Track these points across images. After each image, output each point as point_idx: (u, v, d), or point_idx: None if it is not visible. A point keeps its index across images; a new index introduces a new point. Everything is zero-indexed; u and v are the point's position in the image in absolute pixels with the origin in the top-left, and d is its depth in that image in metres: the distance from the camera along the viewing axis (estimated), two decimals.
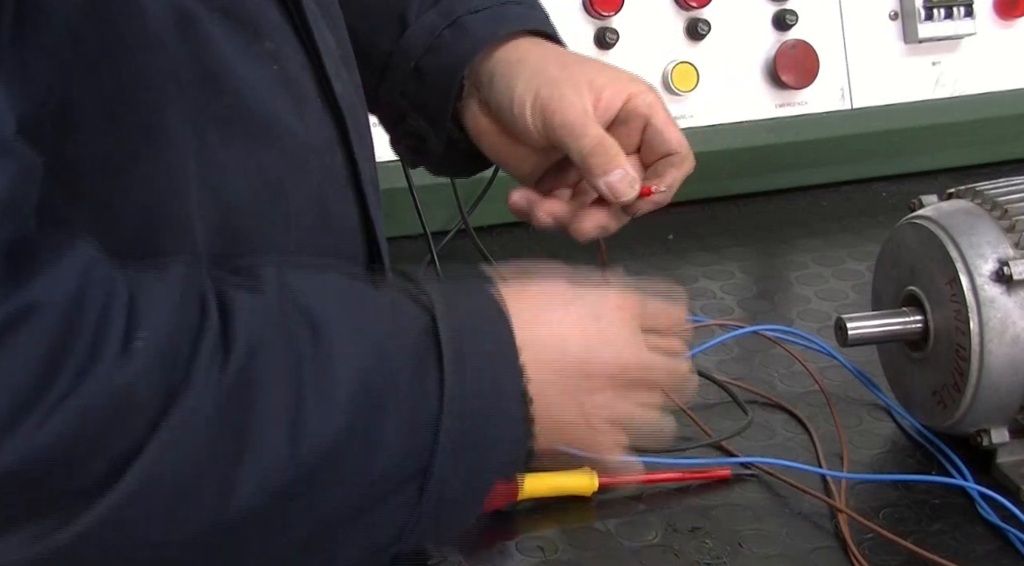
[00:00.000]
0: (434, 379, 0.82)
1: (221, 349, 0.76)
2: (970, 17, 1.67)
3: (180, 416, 0.74)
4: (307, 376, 0.78)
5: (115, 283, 0.75)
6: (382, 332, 0.82)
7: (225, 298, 0.79)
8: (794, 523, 1.10)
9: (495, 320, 0.86)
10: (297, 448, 0.77)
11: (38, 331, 0.71)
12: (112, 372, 0.72)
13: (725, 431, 1.19)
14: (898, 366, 1.21)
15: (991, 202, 1.15)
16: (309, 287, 0.82)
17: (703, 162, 1.61)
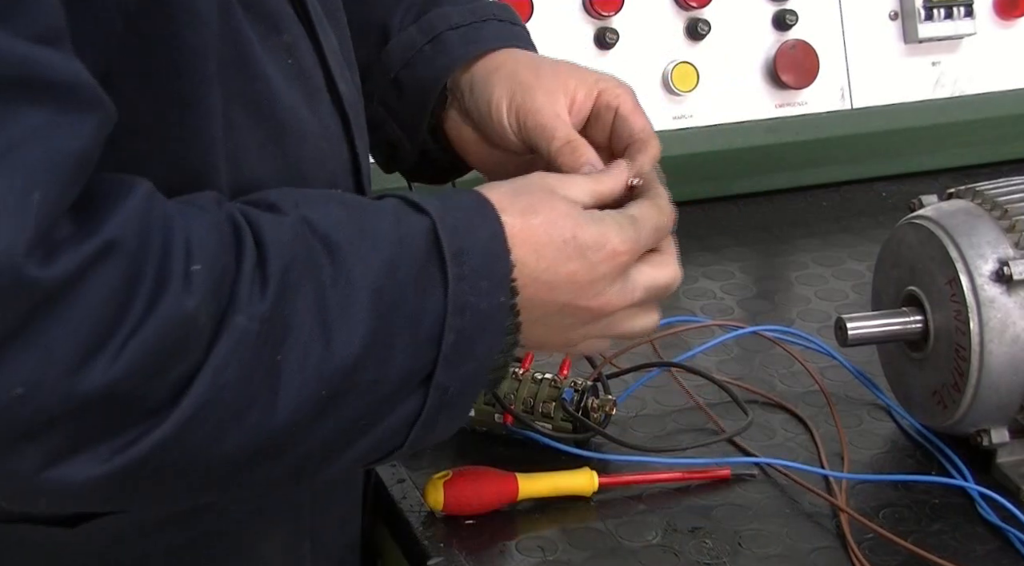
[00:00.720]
0: (439, 290, 0.88)
1: (259, 270, 0.83)
2: (970, 17, 1.67)
3: (231, 335, 0.81)
4: (330, 295, 0.85)
5: (172, 219, 0.81)
6: (390, 246, 0.88)
7: (253, 221, 0.85)
8: (794, 523, 1.10)
9: (489, 224, 0.91)
10: (328, 361, 0.84)
11: (113, 267, 0.77)
12: (178, 301, 0.79)
13: (727, 430, 1.19)
14: (898, 366, 1.21)
15: (991, 202, 1.15)
16: (321, 210, 0.88)
17: (703, 162, 1.62)
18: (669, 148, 1.58)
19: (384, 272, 0.87)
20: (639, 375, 1.26)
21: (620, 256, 0.95)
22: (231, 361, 0.81)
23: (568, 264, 0.93)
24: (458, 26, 1.11)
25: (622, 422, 1.23)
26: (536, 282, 0.93)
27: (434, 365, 0.89)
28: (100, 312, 0.76)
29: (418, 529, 1.09)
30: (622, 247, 0.95)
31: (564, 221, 0.94)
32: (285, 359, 0.83)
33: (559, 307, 0.95)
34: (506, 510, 1.11)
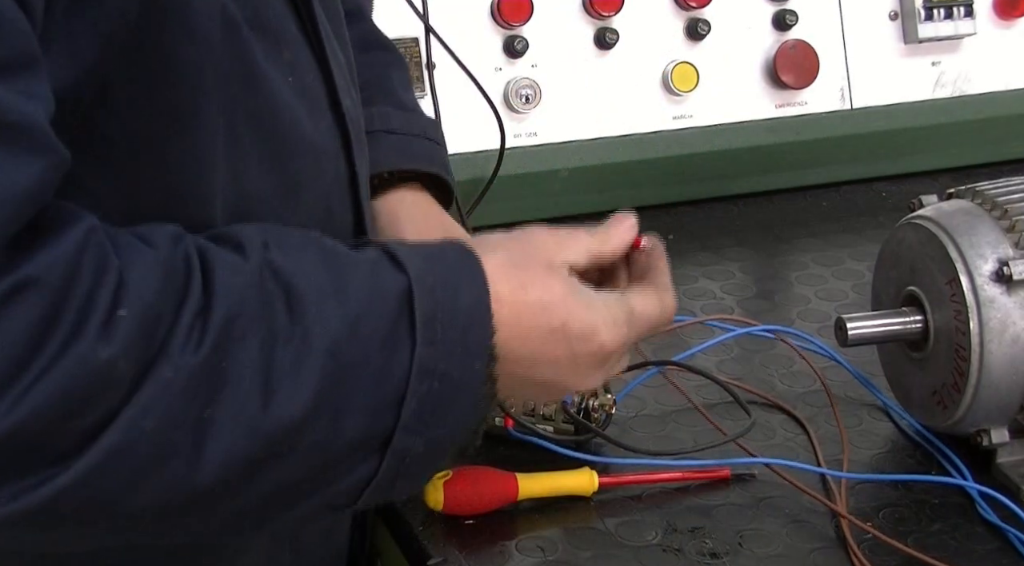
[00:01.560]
0: (405, 353, 0.84)
1: (200, 318, 0.80)
2: (970, 17, 1.67)
3: (154, 386, 0.78)
4: (280, 350, 0.81)
5: (106, 260, 0.78)
6: (358, 302, 0.84)
7: (208, 263, 0.82)
8: (794, 523, 1.10)
9: (474, 286, 0.88)
10: (265, 421, 0.81)
11: (30, 306, 0.74)
12: (92, 348, 0.75)
13: (728, 431, 1.19)
14: (898, 366, 1.21)
15: (991, 202, 1.15)
16: (290, 254, 0.85)
17: (703, 162, 1.62)
18: (669, 148, 1.60)
19: (346, 330, 0.83)
20: (638, 374, 1.26)
21: (606, 351, 0.93)
22: (149, 413, 0.78)
23: (553, 350, 0.91)
24: (393, 131, 1.17)
25: (622, 422, 1.23)
26: (517, 361, 0.89)
27: (392, 430, 0.85)
28: (8, 349, 0.74)
29: (418, 529, 1.09)
30: (610, 345, 0.93)
31: (556, 306, 0.91)
32: (214, 415, 0.79)
33: (537, 382, 0.93)
34: (506, 510, 1.11)
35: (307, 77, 0.96)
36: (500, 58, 1.54)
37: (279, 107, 0.92)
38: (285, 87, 0.93)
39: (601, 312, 0.93)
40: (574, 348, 0.92)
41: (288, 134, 0.94)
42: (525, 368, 0.91)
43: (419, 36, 1.50)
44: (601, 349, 0.93)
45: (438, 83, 1.50)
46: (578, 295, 0.92)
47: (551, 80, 1.55)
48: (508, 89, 1.54)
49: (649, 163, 1.57)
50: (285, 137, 0.93)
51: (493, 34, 1.54)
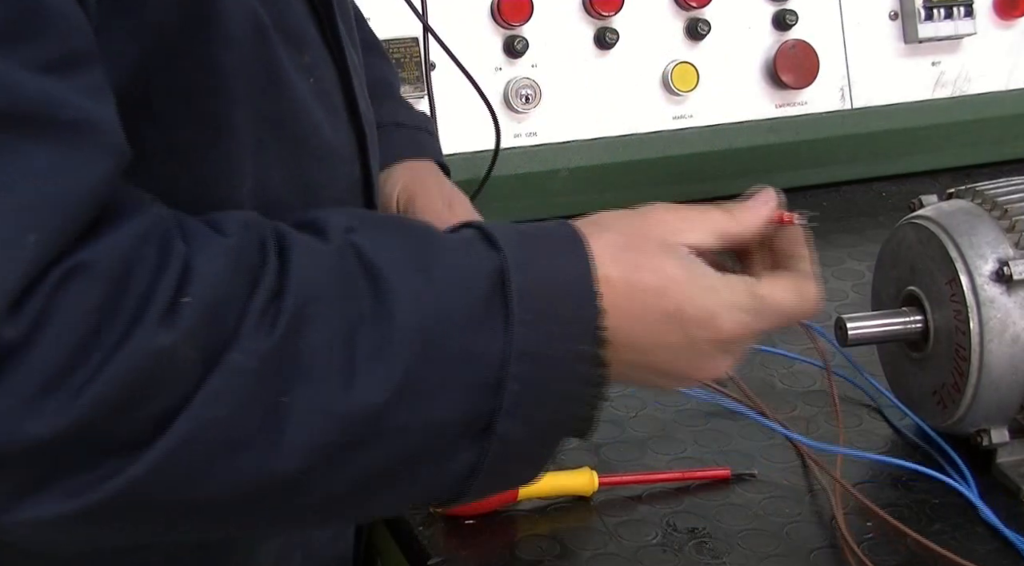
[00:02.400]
0: (499, 337, 0.80)
1: (274, 302, 0.77)
2: (970, 17, 1.67)
3: (225, 372, 0.75)
4: (362, 331, 0.78)
5: (171, 245, 0.76)
6: (447, 283, 0.81)
7: (286, 244, 0.80)
8: (794, 523, 1.10)
9: (575, 262, 0.83)
10: (347, 404, 0.77)
11: (83, 293, 0.72)
12: (153, 335, 0.73)
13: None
14: (898, 366, 1.21)
15: (991, 202, 1.15)
16: (375, 236, 0.82)
17: (703, 162, 1.62)
18: (669, 148, 1.60)
19: (432, 311, 0.80)
20: None
21: (726, 338, 0.87)
22: (220, 399, 0.75)
23: (668, 336, 0.85)
24: (403, 125, 1.18)
25: (622, 422, 1.23)
26: (630, 347, 0.84)
27: (493, 415, 0.81)
28: (61, 347, 0.72)
29: (418, 529, 1.09)
30: (730, 331, 0.86)
31: (671, 290, 0.85)
32: (292, 399, 0.77)
33: (654, 370, 0.87)
34: (506, 510, 1.11)
35: (326, 80, 0.96)
36: (500, 58, 1.54)
37: (301, 111, 0.92)
38: (306, 90, 0.93)
39: (722, 296, 0.86)
40: (691, 334, 0.86)
41: (309, 138, 0.93)
42: (639, 354, 0.85)
43: (418, 36, 1.50)
44: (719, 335, 0.86)
45: (438, 83, 1.50)
46: (696, 278, 0.86)
47: (551, 80, 1.55)
48: (508, 89, 1.54)
49: (649, 163, 1.57)
50: (306, 141, 0.93)
51: (493, 34, 1.54)
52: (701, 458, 1.18)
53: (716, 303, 0.86)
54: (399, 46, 1.50)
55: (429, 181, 1.17)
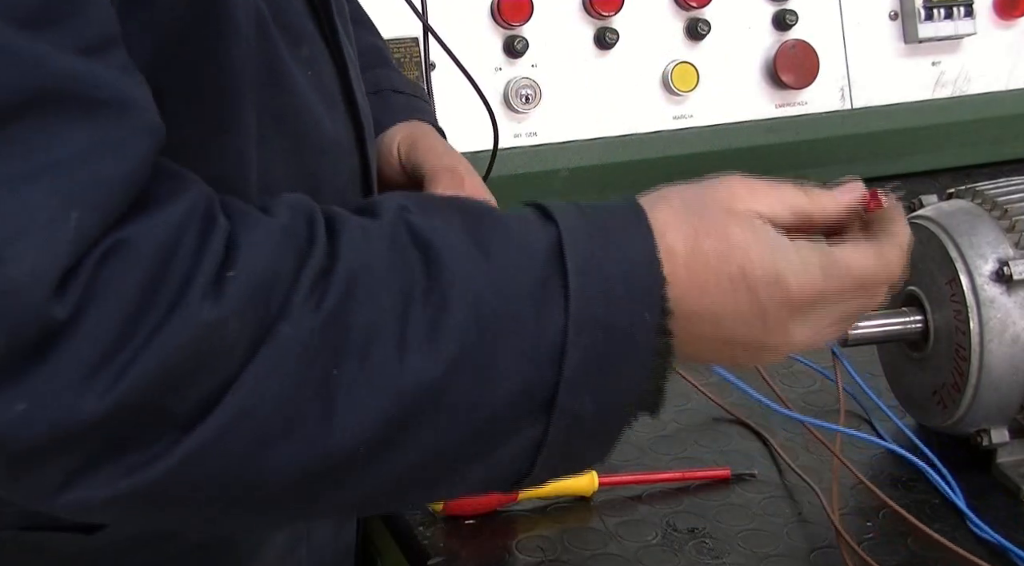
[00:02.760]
0: (558, 307, 0.79)
1: (323, 277, 0.76)
2: (970, 17, 1.67)
3: (275, 347, 0.74)
4: (415, 306, 0.77)
5: (215, 222, 0.76)
6: (503, 256, 0.80)
7: (336, 223, 0.79)
8: (794, 523, 1.10)
9: (637, 233, 0.82)
10: (402, 379, 0.76)
11: (125, 270, 0.72)
12: (198, 310, 0.73)
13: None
14: (898, 366, 1.21)
15: (991, 202, 1.15)
16: (429, 214, 0.81)
17: (703, 162, 1.62)
18: (669, 148, 1.60)
19: (488, 285, 0.78)
20: None
21: (797, 299, 0.83)
22: (272, 374, 0.74)
23: (736, 302, 0.83)
24: (399, 92, 1.18)
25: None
26: (699, 318, 0.82)
27: (555, 388, 0.79)
28: (107, 325, 0.72)
29: (418, 529, 1.09)
30: (800, 292, 0.83)
31: (734, 252, 0.82)
32: (344, 374, 0.75)
33: (729, 341, 0.84)
34: (506, 510, 1.11)
35: (324, 73, 0.97)
36: (500, 58, 1.54)
37: (301, 104, 0.93)
38: (306, 83, 0.94)
39: (789, 256, 0.83)
40: (759, 297, 0.82)
41: (310, 131, 0.94)
42: (710, 325, 0.83)
43: (418, 36, 1.50)
44: (789, 296, 0.83)
45: (438, 83, 1.50)
46: (761, 240, 0.83)
47: (551, 80, 1.55)
48: (508, 89, 1.54)
49: (649, 163, 1.58)
50: (307, 134, 0.94)
51: (493, 34, 1.54)
52: (701, 458, 1.18)
53: (781, 261, 0.83)
54: (399, 46, 1.50)
55: (429, 133, 1.16)
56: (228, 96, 0.86)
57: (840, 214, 0.87)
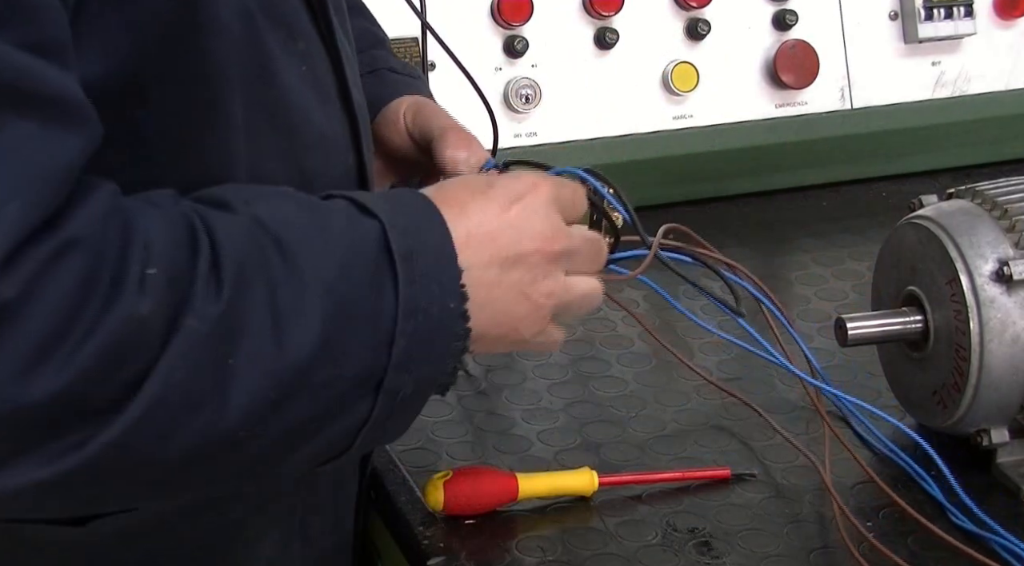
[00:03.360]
0: (390, 293, 0.87)
1: (214, 270, 0.82)
2: (970, 17, 1.67)
3: (183, 337, 0.80)
4: (281, 294, 0.83)
5: (132, 221, 0.80)
6: (342, 247, 0.87)
7: (206, 217, 0.84)
8: (794, 523, 1.10)
9: (436, 227, 0.90)
10: (280, 362, 0.83)
11: (74, 265, 0.76)
12: (133, 304, 0.78)
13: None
14: (898, 366, 1.21)
15: (991, 202, 1.15)
16: (271, 207, 0.87)
17: (703, 162, 1.62)
18: (669, 148, 1.60)
19: (337, 273, 0.85)
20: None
21: (540, 187, 0.95)
22: (180, 363, 0.79)
23: (492, 210, 0.93)
24: (396, 70, 1.19)
25: (622, 422, 1.23)
26: (474, 239, 0.91)
27: (384, 371, 0.87)
28: (53, 315, 0.75)
29: (418, 529, 1.09)
30: (541, 180, 0.96)
31: (475, 181, 0.96)
32: (237, 360, 0.82)
33: (501, 261, 0.92)
34: (506, 510, 1.11)
35: (319, 68, 0.98)
36: (500, 58, 1.54)
37: (293, 100, 0.94)
38: (298, 79, 0.95)
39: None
40: (510, 193, 0.94)
41: (301, 126, 0.95)
42: (487, 244, 0.92)
43: (418, 36, 1.50)
44: (535, 185, 0.95)
45: (438, 83, 1.50)
46: (486, 202, 0.94)
47: (551, 80, 1.55)
48: (508, 89, 1.54)
49: (649, 163, 1.57)
50: (299, 129, 0.95)
51: (493, 34, 1.54)
52: (701, 458, 1.18)
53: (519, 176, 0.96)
54: (399, 46, 1.50)
55: (432, 102, 1.17)
56: (213, 90, 0.87)
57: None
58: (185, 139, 0.87)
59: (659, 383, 1.29)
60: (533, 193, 0.95)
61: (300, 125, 0.95)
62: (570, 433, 1.21)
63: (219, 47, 0.87)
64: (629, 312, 1.32)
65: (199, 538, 0.99)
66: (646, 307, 1.36)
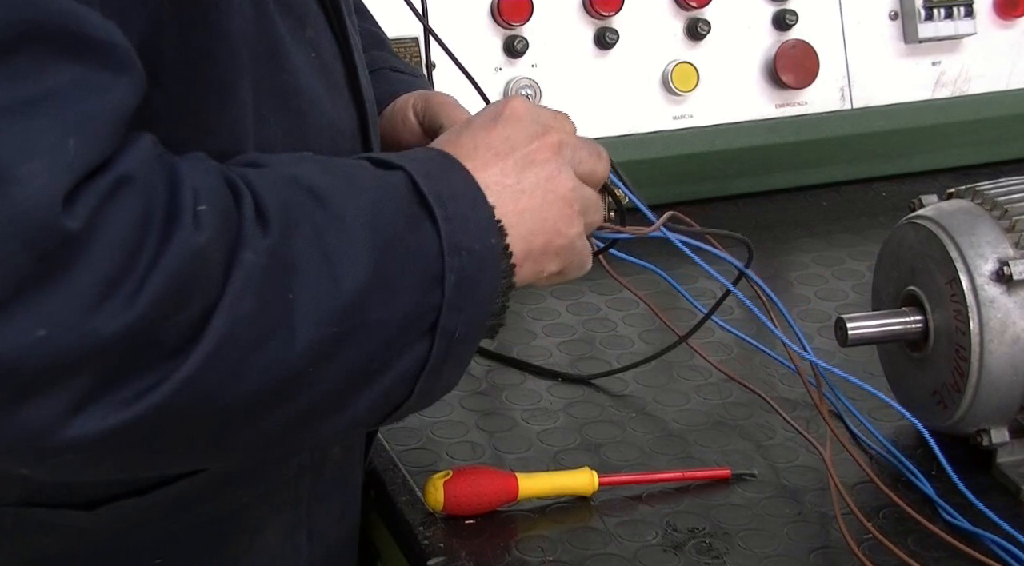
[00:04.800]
0: (430, 232, 0.88)
1: (259, 211, 0.83)
2: (970, 17, 1.67)
3: (242, 271, 0.81)
4: (327, 235, 0.84)
5: (177, 163, 0.82)
6: (375, 192, 0.88)
7: (244, 177, 0.85)
8: (794, 523, 1.10)
9: (458, 171, 0.93)
10: (338, 297, 0.84)
11: (131, 199, 0.77)
12: (190, 235, 0.78)
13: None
14: (898, 366, 1.21)
15: (991, 202, 1.15)
16: (299, 166, 0.89)
17: (703, 162, 1.62)
18: (669, 148, 1.60)
19: (373, 211, 0.87)
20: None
21: (512, 100, 0.99)
22: (245, 295, 0.80)
23: (481, 134, 0.96)
24: (398, 70, 1.20)
25: (622, 422, 1.23)
26: (481, 160, 0.94)
27: (439, 309, 0.88)
28: (117, 249, 0.76)
29: (418, 529, 1.09)
30: (510, 98, 1.00)
31: (455, 127, 0.99)
32: (297, 294, 0.82)
33: (512, 166, 0.95)
34: (506, 510, 1.11)
35: (327, 56, 0.99)
36: (500, 58, 1.54)
37: (302, 85, 0.95)
38: (307, 65, 0.96)
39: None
40: (479, 123, 0.98)
41: (310, 112, 0.96)
42: (500, 158, 0.95)
43: (419, 36, 1.50)
44: (493, 108, 0.99)
45: (438, 83, 1.50)
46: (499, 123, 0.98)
47: (551, 80, 1.55)
48: (508, 89, 1.54)
49: (649, 163, 1.57)
50: (307, 114, 0.96)
51: (493, 34, 1.54)
52: (701, 458, 1.18)
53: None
54: (399, 46, 1.50)
55: (439, 93, 1.17)
56: (224, 71, 0.88)
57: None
58: (195, 118, 0.88)
59: (659, 383, 1.29)
60: (509, 106, 0.98)
61: (308, 110, 0.96)
62: (570, 433, 1.21)
63: (231, 28, 0.87)
64: (631, 290, 1.32)
65: (204, 526, 1.00)
66: (646, 307, 1.36)
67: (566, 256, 0.98)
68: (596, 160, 1.01)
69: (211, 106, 0.89)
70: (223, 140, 0.90)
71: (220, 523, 1.01)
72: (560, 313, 1.40)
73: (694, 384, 1.28)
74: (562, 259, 0.98)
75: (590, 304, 1.42)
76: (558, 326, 1.38)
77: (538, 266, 0.96)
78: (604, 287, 1.42)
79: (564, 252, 0.97)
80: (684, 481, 1.15)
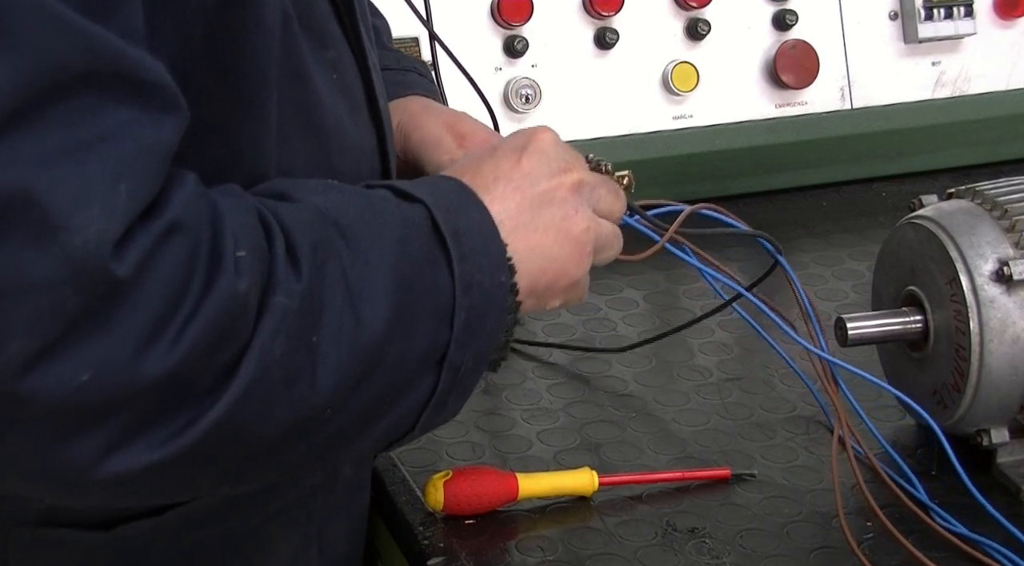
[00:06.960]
0: (444, 270, 0.90)
1: (291, 251, 0.84)
2: (970, 17, 1.67)
3: (274, 314, 0.82)
4: (352, 273, 0.86)
5: (218, 205, 0.83)
6: (397, 229, 0.89)
7: (275, 212, 0.86)
8: (794, 523, 1.10)
9: (474, 205, 0.94)
10: (360, 338, 0.85)
11: (178, 247, 0.78)
12: (232, 282, 0.80)
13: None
14: (898, 366, 1.21)
15: (991, 202, 1.15)
16: (325, 197, 0.89)
17: (703, 162, 1.62)
18: (669, 148, 1.60)
19: (397, 250, 0.88)
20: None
21: (540, 132, 1.00)
22: (277, 338, 0.81)
23: (504, 167, 0.97)
24: (386, 68, 1.18)
25: (622, 422, 1.23)
26: (498, 196, 0.95)
27: (448, 345, 0.90)
28: (163, 295, 0.77)
29: (418, 529, 1.09)
30: (538, 129, 1.01)
31: (481, 152, 1.01)
32: (322, 335, 0.84)
33: (529, 203, 0.96)
34: (506, 510, 1.11)
35: (348, 76, 0.99)
36: (500, 58, 1.54)
37: (324, 104, 0.95)
38: (329, 85, 0.96)
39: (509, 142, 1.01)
40: (518, 147, 0.99)
41: (331, 131, 0.97)
42: (511, 193, 0.96)
43: (419, 36, 1.50)
44: (542, 134, 1.00)
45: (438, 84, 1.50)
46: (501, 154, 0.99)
47: (551, 80, 1.55)
48: (508, 89, 1.54)
49: (649, 163, 1.57)
50: (329, 134, 0.96)
51: (493, 34, 1.54)
52: (701, 458, 1.18)
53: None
54: (399, 46, 1.49)
55: (421, 117, 1.16)
56: (250, 88, 0.89)
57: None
58: (220, 135, 0.88)
59: (659, 383, 1.29)
60: (535, 140, 0.99)
61: (331, 130, 0.97)
62: (570, 433, 1.21)
63: (260, 47, 0.88)
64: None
65: (218, 542, 1.00)
66: (646, 307, 1.36)
67: (569, 293, 1.00)
68: (614, 199, 1.02)
69: (236, 124, 0.89)
70: (246, 157, 0.90)
71: (233, 539, 1.01)
72: (560, 313, 1.40)
73: (694, 384, 1.28)
74: (565, 296, 1.00)
75: (590, 304, 1.41)
76: (558, 326, 1.38)
77: (541, 302, 0.98)
78: (604, 287, 1.42)
79: (568, 290, 0.99)
80: (684, 481, 1.15)
